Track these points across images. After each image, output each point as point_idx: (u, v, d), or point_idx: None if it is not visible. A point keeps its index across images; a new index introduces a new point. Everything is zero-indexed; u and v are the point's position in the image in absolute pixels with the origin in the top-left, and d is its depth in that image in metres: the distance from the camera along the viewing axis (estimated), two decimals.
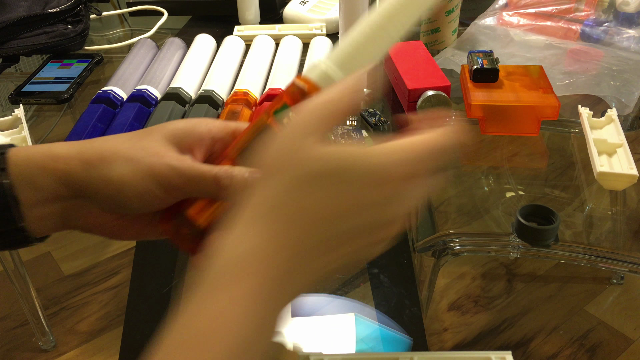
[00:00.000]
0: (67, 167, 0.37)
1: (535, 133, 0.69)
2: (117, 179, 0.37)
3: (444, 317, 1.24)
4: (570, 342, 1.19)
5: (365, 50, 0.38)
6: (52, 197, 0.38)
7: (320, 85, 0.37)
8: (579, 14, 0.90)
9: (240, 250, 0.31)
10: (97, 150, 0.38)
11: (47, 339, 1.23)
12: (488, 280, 1.33)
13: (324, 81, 0.37)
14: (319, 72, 0.38)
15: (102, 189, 0.37)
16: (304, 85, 0.38)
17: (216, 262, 0.31)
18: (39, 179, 0.37)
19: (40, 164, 0.38)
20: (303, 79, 0.38)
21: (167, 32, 0.96)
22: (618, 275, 1.32)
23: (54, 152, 0.38)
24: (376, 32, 0.38)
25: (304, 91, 0.37)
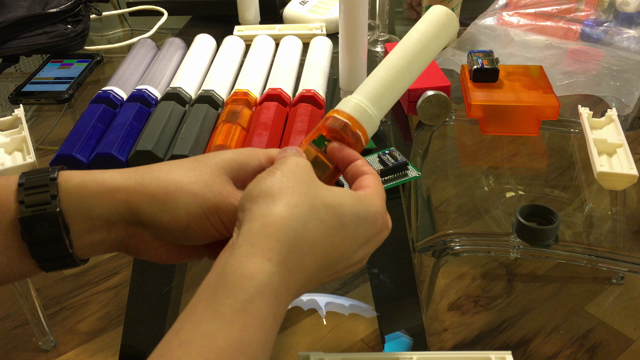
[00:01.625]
0: (129, 198, 0.37)
1: (535, 133, 0.69)
2: (185, 216, 0.37)
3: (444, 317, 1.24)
4: (570, 342, 1.19)
5: (392, 89, 0.44)
6: (106, 226, 0.38)
7: (356, 117, 0.42)
8: (579, 14, 0.90)
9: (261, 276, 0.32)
10: (160, 184, 0.38)
11: (47, 339, 1.23)
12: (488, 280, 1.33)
13: (359, 114, 0.42)
14: (354, 106, 0.43)
15: (168, 223, 0.38)
16: (341, 118, 0.42)
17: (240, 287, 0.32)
18: (94, 209, 0.37)
19: (95, 192, 0.37)
20: (340, 113, 0.43)
21: (167, 32, 0.96)
22: (618, 275, 1.32)
23: (111, 183, 0.38)
24: (401, 73, 0.44)
25: (342, 122, 0.42)
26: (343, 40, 0.68)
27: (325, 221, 0.35)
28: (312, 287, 0.36)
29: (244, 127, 0.64)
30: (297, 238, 0.34)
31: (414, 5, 1.00)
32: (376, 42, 0.88)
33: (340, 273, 0.38)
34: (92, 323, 1.29)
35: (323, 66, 0.75)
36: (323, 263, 0.35)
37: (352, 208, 0.36)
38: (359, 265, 0.39)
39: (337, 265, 0.37)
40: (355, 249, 0.37)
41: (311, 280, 0.35)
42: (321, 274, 0.36)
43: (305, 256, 0.34)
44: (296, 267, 0.34)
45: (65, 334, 1.26)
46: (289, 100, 0.69)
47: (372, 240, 0.38)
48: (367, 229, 0.37)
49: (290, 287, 0.33)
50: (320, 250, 0.35)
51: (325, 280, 0.37)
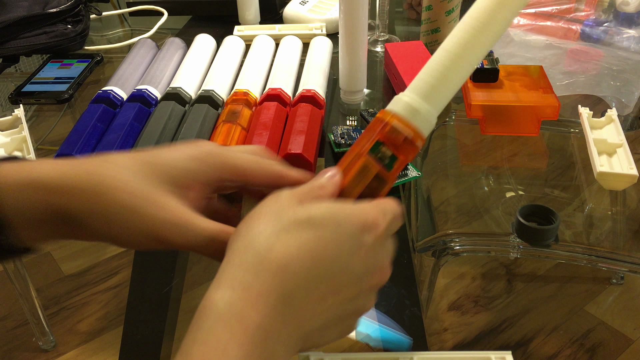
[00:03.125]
0: (61, 201, 0.35)
1: (535, 133, 0.69)
2: (118, 228, 0.36)
3: (444, 317, 1.24)
4: (570, 342, 1.19)
5: (446, 81, 0.38)
6: (44, 223, 0.36)
7: (407, 119, 0.38)
8: (579, 14, 0.90)
9: (220, 304, 0.31)
10: (96, 189, 0.35)
11: (47, 339, 1.23)
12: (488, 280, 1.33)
13: (410, 114, 0.38)
14: (404, 105, 0.38)
15: (101, 227, 0.36)
16: (391, 120, 0.38)
17: (202, 317, 0.31)
18: (30, 209, 0.35)
19: (30, 192, 0.35)
20: (389, 113, 0.38)
21: (167, 32, 0.96)
22: (618, 275, 1.32)
23: (44, 182, 0.35)
24: (456, 61, 0.38)
25: (391, 125, 0.38)
26: (343, 40, 0.68)
27: (296, 237, 0.33)
28: (321, 317, 0.33)
29: (244, 127, 0.64)
30: (262, 261, 0.32)
31: (414, 5, 1.00)
32: (376, 42, 0.88)
33: (352, 293, 0.34)
34: (92, 323, 1.29)
35: (323, 66, 0.75)
36: (309, 279, 0.33)
37: (327, 215, 0.34)
38: (370, 280, 0.35)
39: (336, 280, 0.33)
40: (347, 257, 0.34)
41: (304, 303, 0.32)
42: (317, 293, 0.33)
43: (276, 277, 0.32)
44: (268, 289, 0.31)
45: (65, 334, 1.26)
46: (289, 100, 0.69)
47: (363, 242, 0.34)
48: (351, 230, 0.34)
49: (268, 313, 0.31)
50: (297, 266, 0.32)
51: (338, 307, 0.34)
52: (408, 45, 0.77)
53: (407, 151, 0.38)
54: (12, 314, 1.31)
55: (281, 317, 0.32)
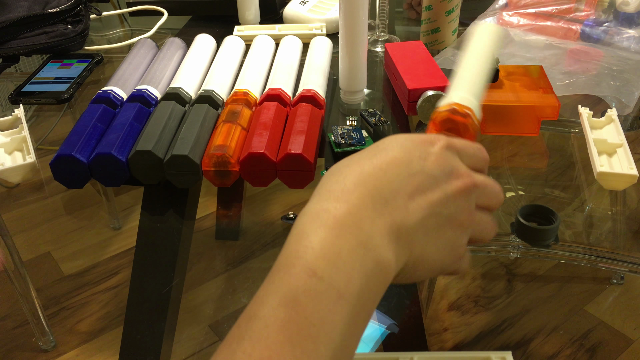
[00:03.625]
0: None
1: (535, 133, 0.69)
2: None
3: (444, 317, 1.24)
4: (570, 342, 1.19)
5: (480, 83, 0.48)
6: None
7: (459, 102, 0.45)
8: (579, 14, 0.90)
9: (309, 207, 0.35)
10: None
11: (47, 339, 1.23)
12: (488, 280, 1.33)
13: (462, 101, 0.45)
14: (453, 97, 0.46)
15: None
16: (445, 107, 0.45)
17: None
18: None
19: None
20: (441, 106, 0.45)
21: (167, 32, 0.96)
22: (618, 275, 1.32)
23: None
24: (482, 71, 0.49)
25: (450, 108, 0.44)
26: (343, 40, 0.68)
27: (369, 157, 0.37)
28: (416, 213, 0.35)
29: (244, 127, 0.64)
30: (341, 175, 0.36)
31: (414, 5, 1.00)
32: (376, 42, 0.88)
33: (438, 195, 0.36)
34: (92, 323, 1.29)
35: (323, 66, 0.75)
36: (389, 179, 0.35)
37: (391, 139, 0.38)
38: (451, 184, 0.37)
39: (415, 179, 0.36)
40: (418, 161, 0.37)
41: (392, 197, 0.35)
42: (402, 191, 0.35)
43: (357, 180, 0.35)
44: (351, 187, 0.35)
45: (65, 334, 1.26)
46: (289, 100, 0.69)
47: (429, 150, 0.37)
48: (413, 144, 0.37)
49: (356, 203, 0.34)
50: (375, 171, 0.36)
51: (430, 208, 0.36)
52: (408, 45, 0.77)
53: (463, 123, 0.44)
54: (12, 314, 1.31)
55: (370, 207, 0.34)
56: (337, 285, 0.31)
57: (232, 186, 0.62)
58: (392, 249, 0.34)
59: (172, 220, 0.72)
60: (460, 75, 0.49)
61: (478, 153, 0.40)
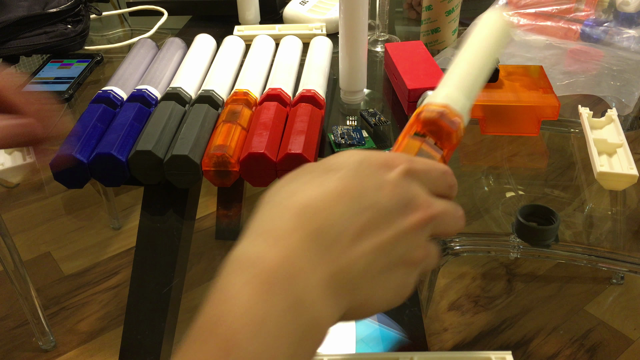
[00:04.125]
0: None
1: (535, 133, 0.69)
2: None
3: (444, 317, 1.24)
4: (570, 342, 1.19)
5: (479, 80, 0.44)
6: None
7: (451, 105, 0.41)
8: (579, 14, 0.89)
9: (239, 251, 0.31)
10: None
11: (47, 339, 1.23)
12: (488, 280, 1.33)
13: (452, 102, 0.41)
14: (445, 96, 0.41)
15: None
16: (436, 108, 0.40)
17: None
18: None
19: None
20: (432, 104, 0.41)
21: (167, 32, 0.96)
22: (618, 275, 1.32)
23: None
24: (484, 62, 0.44)
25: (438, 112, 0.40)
26: (343, 40, 0.68)
27: (318, 182, 0.32)
28: (362, 259, 0.31)
29: (244, 127, 0.64)
30: (283, 207, 0.31)
31: (414, 5, 1.00)
32: (376, 42, 0.88)
33: (389, 233, 0.32)
34: (92, 323, 1.29)
35: (323, 66, 0.75)
36: (335, 215, 0.30)
37: (345, 158, 0.34)
38: (406, 218, 0.32)
39: (365, 215, 0.31)
40: (372, 192, 0.32)
41: (336, 240, 0.30)
42: (348, 230, 0.31)
43: (299, 216, 0.30)
44: (290, 229, 0.30)
45: (65, 334, 1.26)
46: (289, 100, 0.69)
47: (386, 178, 0.33)
48: (371, 168, 0.33)
49: (291, 253, 0.29)
50: (321, 204, 0.31)
51: (380, 249, 0.31)
52: (408, 45, 0.77)
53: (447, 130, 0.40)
54: (12, 314, 1.31)
55: (309, 254, 0.29)
56: (259, 356, 0.27)
57: (232, 186, 0.62)
58: (329, 302, 0.30)
59: (172, 220, 0.72)
60: (458, 69, 0.44)
61: (442, 178, 0.36)
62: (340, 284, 0.30)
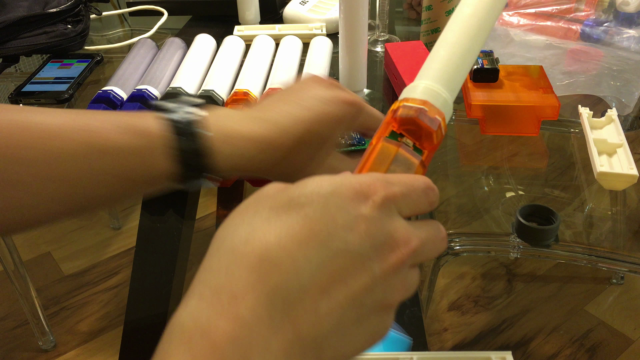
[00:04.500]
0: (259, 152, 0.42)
1: (535, 133, 0.69)
2: None
3: (444, 317, 1.24)
4: (570, 342, 1.19)
5: (459, 68, 0.39)
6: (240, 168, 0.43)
7: (431, 101, 0.36)
8: (579, 14, 0.90)
9: (185, 317, 0.26)
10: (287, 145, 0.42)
11: (47, 339, 1.23)
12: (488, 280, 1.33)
13: (432, 98, 0.37)
14: (424, 90, 0.37)
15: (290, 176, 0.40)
16: (414, 105, 0.36)
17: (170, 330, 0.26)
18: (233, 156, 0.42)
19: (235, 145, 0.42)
20: (410, 100, 0.37)
21: (167, 32, 0.96)
22: (618, 275, 1.32)
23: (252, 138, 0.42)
24: (466, 52, 0.39)
25: (417, 109, 0.36)
26: (343, 40, 0.68)
27: (275, 223, 0.27)
28: (331, 316, 0.26)
29: None
30: (235, 257, 0.26)
31: (414, 5, 1.00)
32: (376, 42, 0.88)
33: (364, 281, 0.27)
34: (92, 323, 1.29)
35: (323, 66, 0.75)
36: (298, 268, 0.25)
37: (310, 190, 0.27)
38: (383, 261, 0.27)
39: (335, 264, 0.26)
40: (343, 233, 0.26)
41: (299, 299, 0.25)
42: (314, 285, 0.26)
43: (253, 272, 0.25)
44: (244, 289, 0.25)
45: (65, 334, 1.26)
46: None
47: (360, 213, 0.27)
48: (341, 201, 0.27)
49: (246, 320, 0.24)
50: (280, 255, 0.25)
51: (353, 302, 0.26)
52: (408, 45, 0.77)
53: (427, 130, 0.35)
54: (12, 314, 1.31)
55: (267, 321, 0.25)
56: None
57: (232, 186, 0.62)
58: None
59: (172, 220, 0.71)
60: (438, 55, 0.39)
61: (424, 197, 0.31)
62: (306, 348, 0.25)
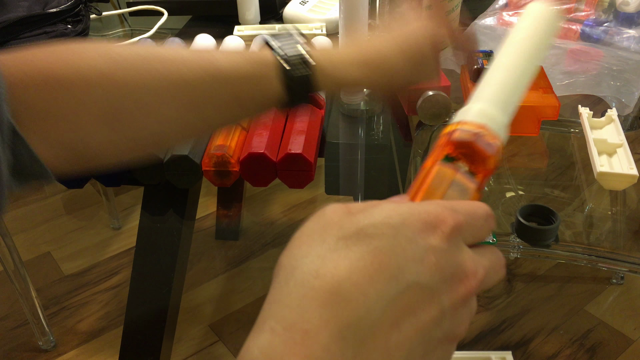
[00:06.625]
0: None
1: (535, 133, 0.69)
2: None
3: None
4: (570, 342, 1.19)
5: (517, 92, 0.38)
6: None
7: (488, 125, 0.35)
8: (579, 14, 0.90)
9: (256, 352, 0.25)
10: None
11: (47, 339, 1.23)
12: None
13: (489, 121, 0.35)
14: (479, 112, 0.36)
15: None
16: (470, 129, 0.34)
17: None
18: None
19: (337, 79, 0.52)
20: (466, 123, 0.35)
21: (167, 32, 0.96)
22: (618, 275, 1.32)
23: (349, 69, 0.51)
24: (522, 75, 0.39)
25: (474, 133, 0.34)
26: (343, 40, 0.68)
27: (345, 255, 0.26)
28: (400, 349, 0.26)
29: (244, 127, 0.64)
30: (306, 291, 0.25)
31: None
32: None
33: (433, 314, 0.27)
34: (92, 323, 1.29)
35: None
36: (369, 303, 0.25)
37: (379, 220, 0.27)
38: (452, 293, 0.27)
39: (406, 298, 0.26)
40: (414, 267, 0.26)
41: (371, 334, 0.25)
42: (385, 320, 0.26)
43: (326, 308, 0.25)
44: (318, 325, 0.25)
45: (65, 334, 1.26)
46: None
47: (430, 245, 0.27)
48: (411, 233, 0.27)
49: (320, 356, 0.24)
50: (352, 290, 0.25)
51: (421, 334, 0.26)
52: None
53: (483, 154, 0.34)
54: (12, 314, 1.31)
55: (340, 355, 0.25)
56: None
57: (232, 186, 0.62)
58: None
59: (172, 220, 0.72)
60: (494, 78, 0.38)
61: (485, 225, 0.30)
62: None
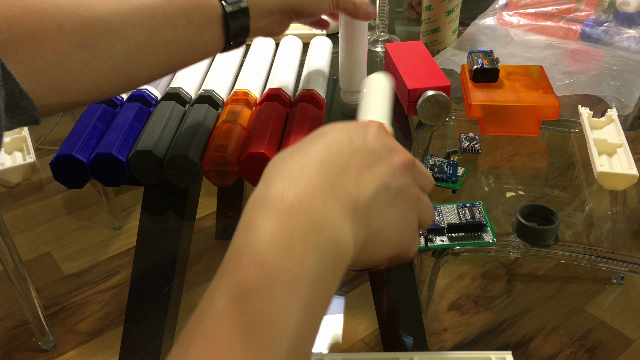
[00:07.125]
0: None
1: (535, 133, 0.69)
2: None
3: (444, 317, 1.24)
4: (570, 342, 1.19)
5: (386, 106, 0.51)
6: (268, 15, 0.55)
7: None
8: (579, 14, 0.90)
9: (254, 195, 0.35)
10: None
11: (47, 339, 1.23)
12: (488, 280, 1.33)
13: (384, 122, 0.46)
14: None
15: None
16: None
17: None
18: (266, 4, 0.55)
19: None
20: None
21: None
22: (618, 275, 1.32)
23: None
24: (383, 98, 0.51)
25: None
26: (343, 40, 0.68)
27: (310, 143, 0.37)
28: (368, 186, 0.36)
29: (244, 127, 0.64)
30: (284, 161, 0.36)
31: (414, 5, 1.00)
32: (376, 42, 0.88)
33: (384, 169, 0.37)
34: (92, 323, 1.29)
35: (323, 66, 0.75)
36: (332, 155, 0.36)
37: (330, 125, 0.39)
38: (392, 158, 0.38)
39: (359, 155, 0.36)
40: (360, 140, 0.37)
41: (341, 172, 0.35)
42: (349, 166, 0.36)
43: (300, 161, 0.35)
44: (296, 169, 0.34)
45: (65, 334, 1.26)
46: (289, 100, 0.69)
47: (367, 132, 0.38)
48: (352, 126, 0.38)
49: (303, 186, 0.33)
50: (318, 151, 0.36)
51: (381, 180, 0.37)
52: (408, 45, 0.77)
53: None
54: (12, 314, 1.31)
55: (321, 184, 0.33)
56: (289, 271, 0.30)
57: (232, 186, 0.62)
58: (348, 225, 0.33)
59: (172, 220, 0.72)
60: (371, 105, 0.50)
61: None
62: (354, 208, 0.34)
